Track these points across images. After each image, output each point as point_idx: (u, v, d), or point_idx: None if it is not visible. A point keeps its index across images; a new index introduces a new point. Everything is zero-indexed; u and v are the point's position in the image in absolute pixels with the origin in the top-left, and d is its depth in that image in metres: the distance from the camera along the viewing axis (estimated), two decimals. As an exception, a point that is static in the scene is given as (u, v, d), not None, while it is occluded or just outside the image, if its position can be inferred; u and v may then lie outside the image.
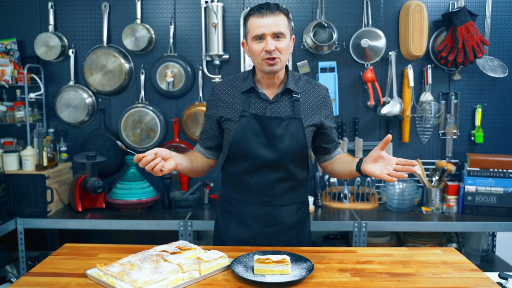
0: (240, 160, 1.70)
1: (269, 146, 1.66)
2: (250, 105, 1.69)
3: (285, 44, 1.61)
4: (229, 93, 1.73)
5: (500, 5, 2.89)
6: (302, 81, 1.75)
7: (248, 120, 1.67)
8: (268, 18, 1.58)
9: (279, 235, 1.74)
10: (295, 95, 1.69)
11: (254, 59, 1.65)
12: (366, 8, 2.89)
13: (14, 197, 2.65)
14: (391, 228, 2.60)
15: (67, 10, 2.98)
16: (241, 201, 1.75)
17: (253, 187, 1.71)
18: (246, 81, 1.72)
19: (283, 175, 1.70)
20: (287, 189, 1.72)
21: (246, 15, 1.66)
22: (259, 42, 1.60)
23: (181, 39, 2.97)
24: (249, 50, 1.66)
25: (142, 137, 2.93)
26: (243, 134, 1.66)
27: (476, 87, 2.95)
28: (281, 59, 1.61)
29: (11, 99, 2.90)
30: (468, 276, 1.42)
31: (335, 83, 2.87)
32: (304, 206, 1.83)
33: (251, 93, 1.71)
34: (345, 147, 2.93)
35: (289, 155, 1.67)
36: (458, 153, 2.96)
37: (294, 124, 1.67)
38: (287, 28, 1.62)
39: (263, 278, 1.35)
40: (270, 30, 1.58)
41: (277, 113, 1.68)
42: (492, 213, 2.67)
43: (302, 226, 1.81)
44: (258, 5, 1.61)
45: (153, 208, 2.83)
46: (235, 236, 1.76)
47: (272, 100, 1.69)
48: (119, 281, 1.30)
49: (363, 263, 1.52)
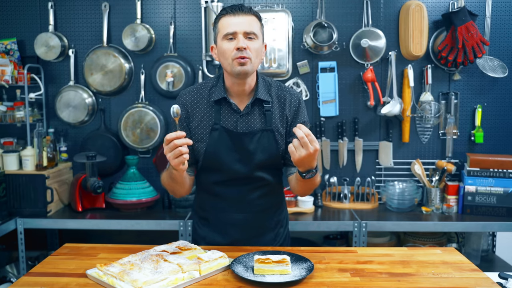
0: (212, 171, 1.66)
1: (241, 160, 1.63)
2: (221, 117, 1.62)
3: (257, 45, 1.55)
4: (196, 102, 1.65)
5: (500, 5, 2.89)
6: (274, 88, 1.67)
7: (219, 134, 1.62)
8: (240, 17, 1.53)
9: (257, 238, 1.73)
10: (266, 105, 1.63)
11: (224, 61, 1.56)
12: (366, 8, 2.89)
13: (14, 197, 2.65)
14: (391, 228, 2.60)
15: (67, 10, 2.98)
16: (216, 209, 1.71)
17: (227, 197, 1.68)
18: (216, 90, 1.63)
19: (257, 184, 1.67)
20: (261, 195, 1.69)
21: (216, 17, 1.60)
22: (230, 41, 1.53)
23: (181, 39, 2.97)
24: (219, 50, 1.57)
25: (142, 137, 2.93)
26: (215, 148, 1.61)
27: (476, 87, 2.95)
28: (252, 60, 1.53)
29: (11, 99, 2.90)
30: (468, 276, 1.42)
31: (335, 83, 2.87)
32: (282, 207, 1.81)
33: (222, 103, 1.63)
34: (345, 147, 2.93)
35: (262, 167, 1.65)
36: (458, 153, 2.96)
37: (266, 136, 1.62)
38: (259, 31, 1.57)
39: (263, 278, 1.35)
40: (242, 28, 1.52)
41: (249, 125, 1.63)
42: (492, 213, 2.67)
43: (280, 226, 1.79)
44: (231, 6, 1.57)
45: (153, 208, 2.83)
46: (213, 243, 1.72)
47: (243, 113, 1.62)
48: (119, 281, 1.30)
49: (363, 263, 1.52)
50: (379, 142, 2.98)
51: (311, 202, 2.75)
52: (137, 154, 2.99)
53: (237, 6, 1.56)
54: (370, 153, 2.99)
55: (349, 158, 2.99)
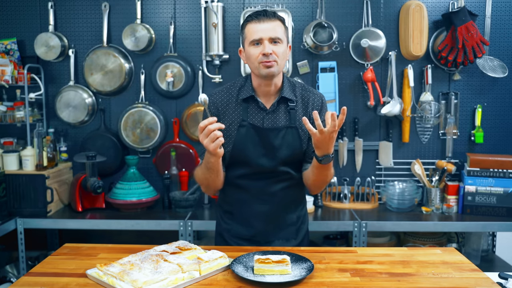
0: (239, 166, 1.75)
1: (267, 155, 1.71)
2: (248, 114, 1.72)
3: (282, 49, 1.64)
4: (227, 101, 1.74)
5: (500, 5, 2.89)
6: (299, 89, 1.77)
7: (247, 130, 1.71)
8: (265, 23, 1.62)
9: (279, 232, 1.79)
10: (290, 103, 1.72)
11: (251, 64, 1.67)
12: (366, 8, 2.89)
13: (14, 197, 2.65)
14: (391, 228, 2.60)
15: (67, 10, 2.98)
16: (241, 201, 1.79)
17: (252, 189, 1.75)
18: (244, 89, 1.73)
19: (280, 178, 1.75)
20: (284, 188, 1.76)
21: (243, 23, 1.69)
22: (256, 47, 1.63)
23: (181, 39, 2.97)
24: (246, 55, 1.68)
25: (142, 137, 2.93)
26: (243, 144, 1.71)
27: (476, 87, 2.95)
28: (278, 63, 1.63)
29: (11, 99, 2.90)
30: (468, 276, 1.42)
31: (335, 83, 2.87)
32: (303, 203, 1.88)
33: (250, 102, 1.73)
34: (345, 147, 2.94)
35: (286, 162, 1.73)
36: (458, 153, 2.96)
37: (290, 133, 1.72)
38: (284, 35, 1.66)
39: (263, 278, 1.35)
40: (268, 34, 1.61)
41: (274, 123, 1.72)
42: (492, 213, 2.67)
43: (302, 222, 1.86)
44: (256, 12, 1.65)
45: (153, 208, 2.83)
46: (237, 235, 1.80)
47: (269, 110, 1.72)
48: (119, 281, 1.30)
49: (363, 263, 1.52)
50: (379, 142, 2.98)
51: (311, 202, 2.75)
52: (137, 154, 2.99)
53: (261, 11, 1.65)
54: (370, 153, 2.99)
55: (349, 158, 2.99)
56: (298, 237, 1.83)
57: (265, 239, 1.78)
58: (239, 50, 1.75)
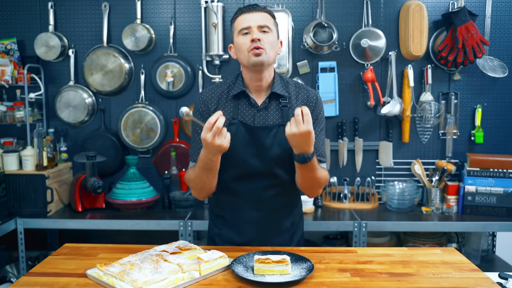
0: (229, 167, 1.67)
1: (258, 155, 1.64)
2: (239, 112, 1.66)
3: (271, 38, 1.60)
4: (217, 99, 1.69)
5: (500, 5, 2.89)
6: (292, 86, 1.72)
7: (237, 128, 1.64)
8: (254, 14, 1.60)
9: (273, 238, 1.73)
10: (282, 100, 1.67)
11: (240, 55, 1.62)
12: (366, 8, 2.89)
13: (14, 197, 2.65)
14: (391, 228, 2.60)
15: (67, 10, 2.98)
16: (233, 207, 1.73)
17: (243, 194, 1.69)
18: (235, 85, 1.68)
19: (272, 182, 1.68)
20: (276, 194, 1.69)
21: (232, 17, 1.67)
22: (245, 36, 1.59)
23: (181, 39, 2.98)
24: (236, 47, 1.63)
25: (142, 137, 2.93)
26: (232, 143, 1.57)
27: (476, 87, 2.95)
28: (266, 51, 1.57)
29: (11, 99, 2.90)
30: (468, 276, 1.42)
31: (335, 83, 2.87)
32: (297, 208, 1.82)
33: (241, 98, 1.67)
34: (345, 147, 2.93)
35: (278, 162, 1.65)
36: (458, 153, 2.96)
37: (282, 131, 1.59)
38: (273, 26, 1.63)
39: (263, 278, 1.35)
40: (256, 23, 1.59)
41: (266, 120, 1.66)
42: (492, 213, 2.67)
43: (296, 228, 1.81)
44: (245, 6, 1.64)
45: (153, 208, 2.83)
46: (229, 241, 1.74)
47: (260, 107, 1.66)
48: (119, 281, 1.30)
49: (363, 263, 1.52)
50: (379, 142, 2.98)
51: (311, 202, 2.75)
52: (137, 154, 2.99)
53: (251, 5, 1.63)
54: (370, 153, 2.99)
55: (349, 158, 2.99)
56: (292, 243, 1.78)
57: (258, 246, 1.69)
58: (229, 46, 1.71)
